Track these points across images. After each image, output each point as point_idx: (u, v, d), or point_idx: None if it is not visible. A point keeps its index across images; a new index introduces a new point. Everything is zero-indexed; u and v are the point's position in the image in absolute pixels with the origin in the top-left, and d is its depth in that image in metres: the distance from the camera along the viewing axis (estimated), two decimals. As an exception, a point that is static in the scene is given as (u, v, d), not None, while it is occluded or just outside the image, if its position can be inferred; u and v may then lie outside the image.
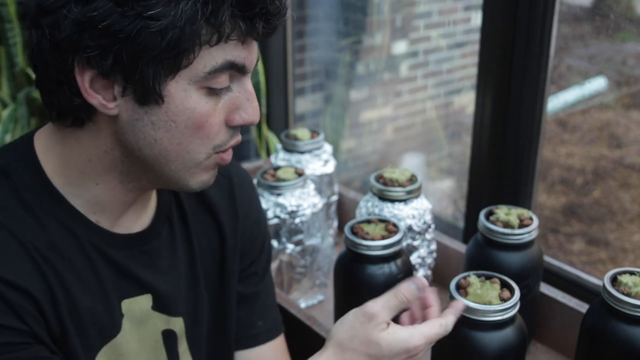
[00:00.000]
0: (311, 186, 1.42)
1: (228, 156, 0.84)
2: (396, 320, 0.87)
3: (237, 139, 0.84)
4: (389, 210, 1.31)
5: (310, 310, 1.44)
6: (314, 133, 1.60)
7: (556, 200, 2.76)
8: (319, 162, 1.57)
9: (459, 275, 1.01)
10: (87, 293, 0.83)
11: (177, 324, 0.95)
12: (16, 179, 0.81)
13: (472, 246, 1.24)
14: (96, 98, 0.75)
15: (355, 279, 1.15)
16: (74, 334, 0.82)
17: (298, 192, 1.37)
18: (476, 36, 1.50)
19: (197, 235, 0.98)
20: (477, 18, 2.15)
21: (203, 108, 0.78)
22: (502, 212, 1.21)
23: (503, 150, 1.48)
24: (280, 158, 1.58)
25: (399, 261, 1.15)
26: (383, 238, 1.14)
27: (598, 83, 2.56)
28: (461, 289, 0.98)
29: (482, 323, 0.94)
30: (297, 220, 1.36)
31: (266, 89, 2.10)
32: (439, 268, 1.46)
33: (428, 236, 1.36)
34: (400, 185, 1.32)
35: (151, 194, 0.92)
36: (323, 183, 1.57)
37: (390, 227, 1.18)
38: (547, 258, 1.38)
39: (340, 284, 1.21)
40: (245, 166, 1.44)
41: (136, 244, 0.89)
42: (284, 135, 1.60)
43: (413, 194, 1.32)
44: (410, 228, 1.32)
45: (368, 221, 1.20)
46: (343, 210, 1.72)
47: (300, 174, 1.40)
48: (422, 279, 0.88)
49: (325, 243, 1.44)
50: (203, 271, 0.99)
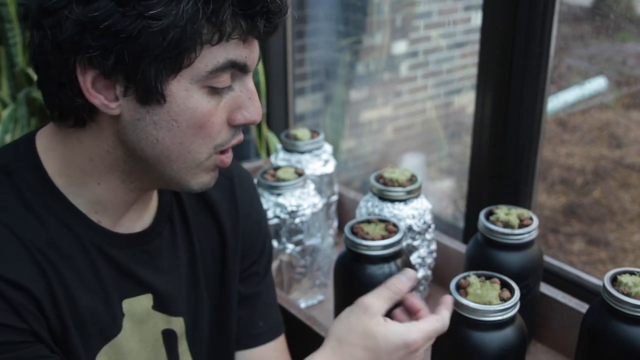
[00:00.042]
0: (311, 186, 1.42)
1: (228, 159, 0.84)
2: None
3: (239, 138, 0.84)
4: (389, 210, 1.31)
5: (310, 310, 1.44)
6: (314, 133, 1.60)
7: (556, 200, 2.76)
8: (319, 162, 1.57)
9: (459, 275, 1.01)
10: (88, 292, 0.84)
11: (178, 324, 0.95)
12: (17, 179, 0.81)
13: (472, 246, 1.24)
14: (98, 98, 0.76)
15: (355, 279, 1.15)
16: (75, 334, 0.82)
17: (298, 192, 1.37)
18: (476, 36, 1.50)
19: (198, 235, 0.98)
20: (477, 18, 2.15)
21: (205, 107, 0.78)
22: (502, 212, 1.21)
23: (503, 150, 1.48)
24: (280, 158, 1.58)
25: (399, 261, 1.15)
26: (383, 238, 1.14)
27: (598, 83, 2.56)
28: (461, 289, 0.98)
29: (482, 323, 0.94)
30: (297, 220, 1.36)
31: (266, 89, 2.10)
32: (439, 268, 1.46)
33: (428, 236, 1.37)
34: (400, 185, 1.32)
35: (152, 194, 0.92)
36: (323, 183, 1.57)
37: (390, 227, 1.18)
38: (547, 258, 1.38)
39: (340, 284, 1.21)
40: (245, 166, 1.44)
41: (137, 244, 0.89)
42: (284, 135, 1.60)
43: (413, 194, 1.32)
44: (410, 228, 1.32)
45: (368, 221, 1.20)
46: (343, 210, 1.72)
47: (300, 174, 1.40)
48: (411, 270, 0.91)
49: (325, 243, 1.44)
50: (204, 271, 0.99)
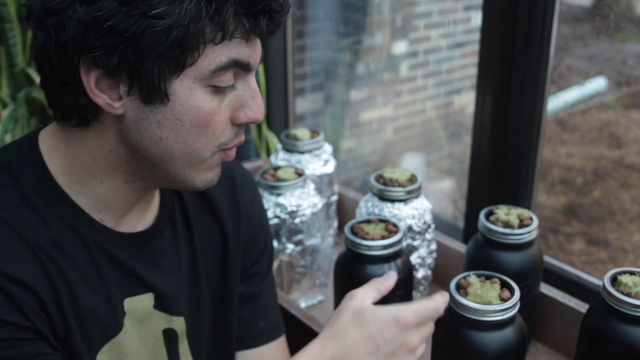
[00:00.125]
0: (311, 186, 1.42)
1: (232, 152, 0.85)
2: None
3: (241, 139, 0.84)
4: (389, 210, 1.31)
5: (310, 310, 1.44)
6: (314, 133, 1.60)
7: (556, 200, 2.76)
8: (319, 162, 1.57)
9: (459, 275, 1.01)
10: (91, 291, 0.84)
11: (178, 323, 0.95)
12: (20, 178, 0.81)
13: (472, 246, 1.24)
14: (102, 98, 0.76)
15: (355, 279, 1.15)
16: (77, 332, 0.82)
17: (298, 192, 1.37)
18: (476, 36, 1.50)
19: (200, 235, 0.98)
20: (477, 18, 2.15)
21: (208, 106, 0.78)
22: (502, 212, 1.21)
23: (503, 150, 1.48)
24: (280, 158, 1.58)
25: (399, 261, 1.16)
26: (383, 238, 1.14)
27: (598, 83, 2.56)
28: (461, 289, 0.98)
29: (482, 323, 0.94)
30: (297, 220, 1.36)
31: (266, 89, 2.11)
32: (439, 268, 1.46)
33: (428, 236, 1.37)
34: (400, 185, 1.32)
35: (155, 194, 0.93)
36: (323, 183, 1.57)
37: (390, 227, 1.18)
38: (547, 258, 1.38)
39: (340, 284, 1.21)
40: (245, 166, 1.44)
41: (139, 243, 0.89)
42: (284, 135, 1.60)
43: (413, 194, 1.33)
44: (410, 228, 1.32)
45: (368, 221, 1.20)
46: (343, 210, 1.72)
47: (300, 174, 1.40)
48: (393, 272, 0.98)
49: (325, 243, 1.44)
50: (205, 271, 0.99)
